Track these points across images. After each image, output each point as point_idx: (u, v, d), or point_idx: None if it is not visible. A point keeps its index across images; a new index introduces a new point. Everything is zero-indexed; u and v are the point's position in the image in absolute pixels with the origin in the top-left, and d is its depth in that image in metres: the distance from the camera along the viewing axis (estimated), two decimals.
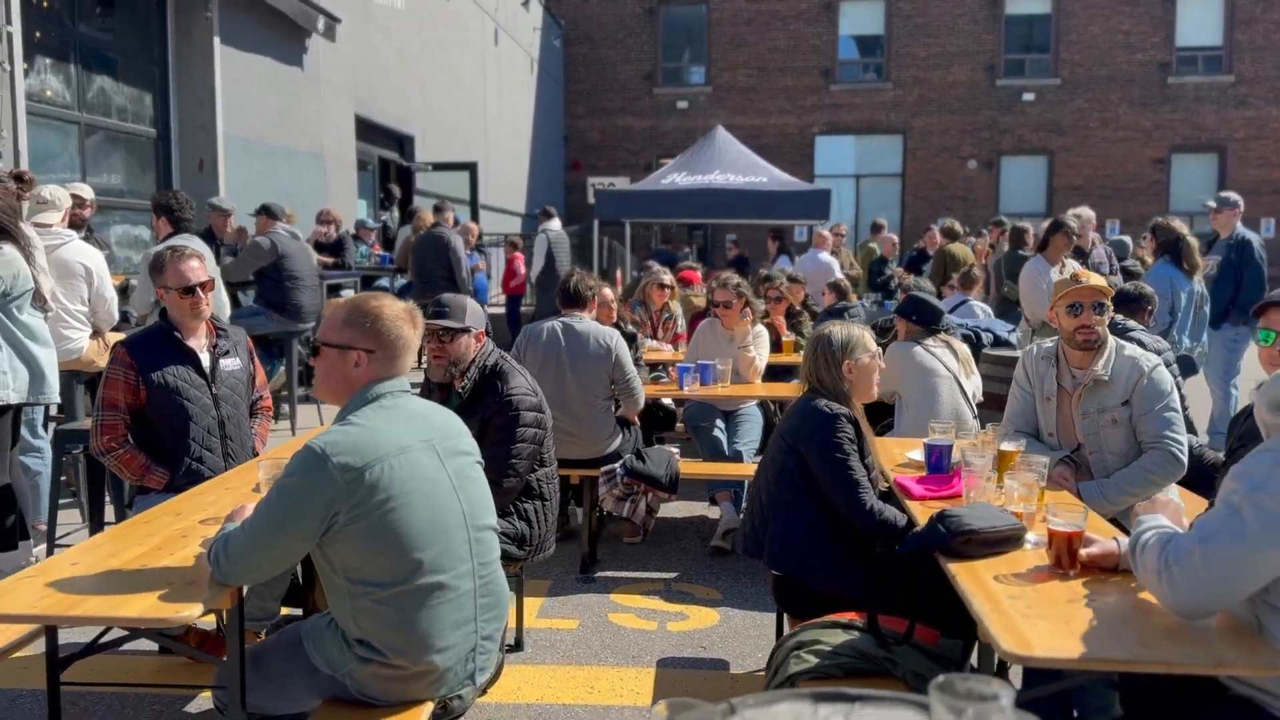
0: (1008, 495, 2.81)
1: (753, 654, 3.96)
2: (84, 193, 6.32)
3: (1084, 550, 2.45)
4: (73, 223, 5.60)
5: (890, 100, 22.02)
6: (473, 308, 3.73)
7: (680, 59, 23.12)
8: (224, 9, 9.76)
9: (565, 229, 12.52)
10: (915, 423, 4.43)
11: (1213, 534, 2.02)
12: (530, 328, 5.11)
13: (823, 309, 7.99)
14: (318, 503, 2.27)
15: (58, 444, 4.88)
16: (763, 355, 6.00)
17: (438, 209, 10.11)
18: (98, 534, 3.47)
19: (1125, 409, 3.41)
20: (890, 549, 3.08)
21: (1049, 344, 3.66)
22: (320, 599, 3.12)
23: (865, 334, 3.38)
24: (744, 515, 3.49)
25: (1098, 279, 3.47)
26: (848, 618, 2.85)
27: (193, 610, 2.24)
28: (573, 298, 5.09)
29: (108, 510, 4.66)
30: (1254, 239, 7.11)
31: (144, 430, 3.59)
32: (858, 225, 20.86)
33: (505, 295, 13.14)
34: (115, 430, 3.53)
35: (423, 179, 15.38)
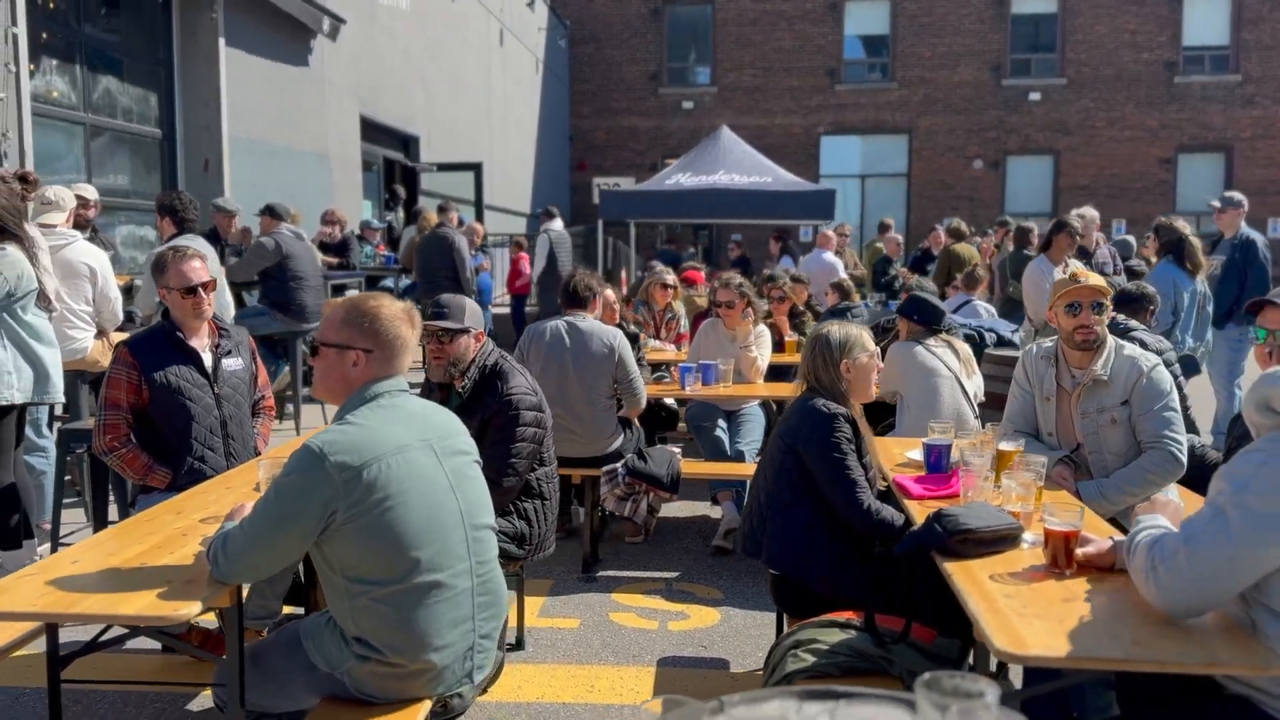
0: (1005, 495, 2.81)
1: (753, 653, 3.96)
2: (88, 193, 6.35)
3: (1080, 550, 2.45)
4: (77, 223, 5.63)
5: (896, 100, 21.98)
6: (472, 308, 3.75)
7: (686, 59, 23.11)
8: (229, 10, 9.79)
9: (570, 229, 12.54)
10: (916, 423, 4.43)
11: (1197, 534, 2.03)
12: (534, 327, 5.13)
13: (826, 309, 7.99)
14: (315, 502, 2.28)
15: (62, 443, 4.92)
16: (765, 355, 6.00)
17: (442, 209, 10.13)
18: (98, 532, 3.49)
19: (1124, 409, 3.41)
20: (888, 548, 3.08)
21: (1048, 344, 3.66)
22: (322, 598, 3.13)
23: (864, 334, 3.38)
24: (743, 515, 3.49)
25: (1096, 279, 3.47)
26: (845, 617, 2.86)
27: (191, 608, 2.26)
28: (575, 298, 5.11)
29: (111, 509, 4.69)
30: (1258, 239, 7.10)
31: (146, 430, 3.61)
32: (863, 225, 20.83)
33: (510, 295, 13.17)
34: (118, 430, 3.55)
35: (427, 179, 15.40)
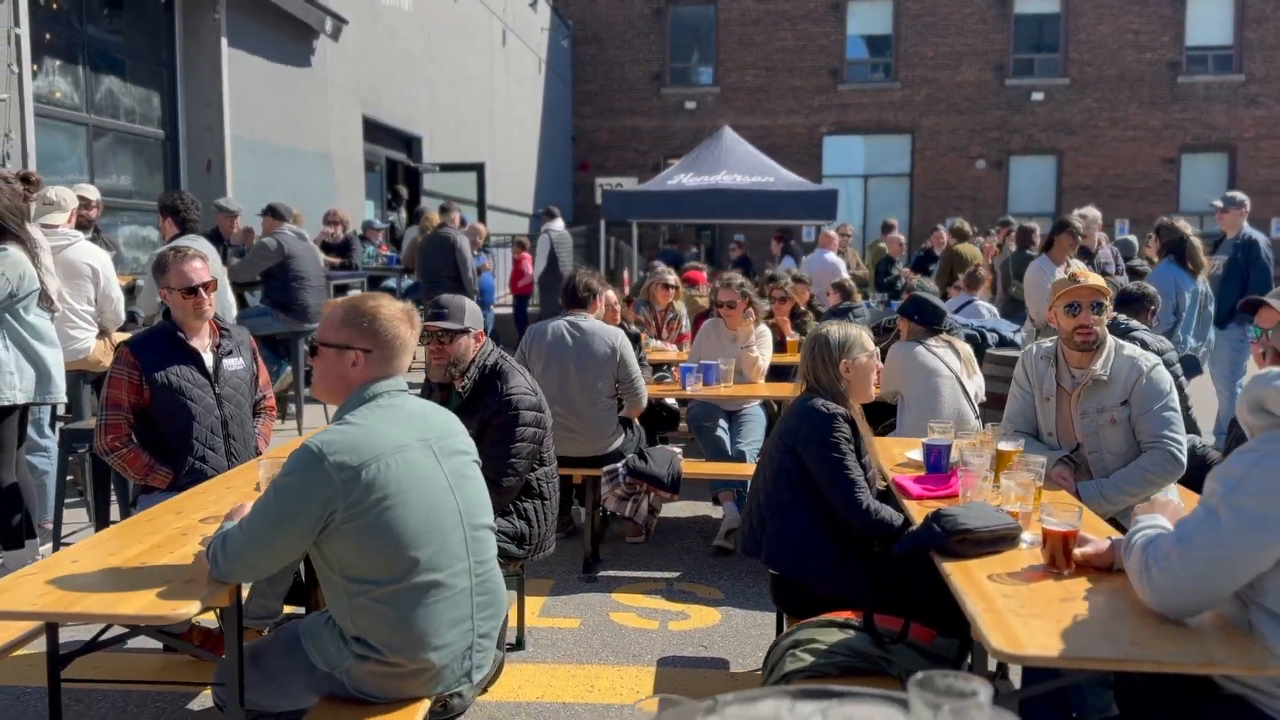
0: (1004, 495, 2.81)
1: (754, 653, 3.96)
2: (90, 194, 6.36)
3: (1079, 550, 2.45)
4: (79, 223, 5.64)
5: (898, 100, 21.97)
6: (471, 308, 3.75)
7: (688, 59, 23.10)
8: (231, 11, 9.80)
9: (573, 229, 12.54)
10: (917, 423, 4.42)
11: (1189, 535, 2.03)
12: (535, 327, 5.13)
13: (827, 309, 7.98)
14: (314, 501, 2.29)
15: (64, 443, 4.93)
16: (766, 355, 6.00)
17: (444, 210, 10.14)
18: (98, 532, 3.50)
19: (1124, 409, 3.41)
20: (887, 548, 3.08)
21: (1048, 344, 3.65)
22: (323, 597, 3.14)
23: (863, 334, 3.38)
24: (743, 515, 3.50)
25: (1095, 279, 3.46)
26: (844, 616, 2.86)
27: (190, 607, 2.26)
28: (576, 298, 5.11)
29: (113, 509, 4.70)
30: (1260, 239, 7.10)
31: (148, 430, 3.62)
32: (866, 225, 20.82)
33: (512, 295, 13.18)
34: (119, 430, 3.56)
35: (430, 179, 15.41)
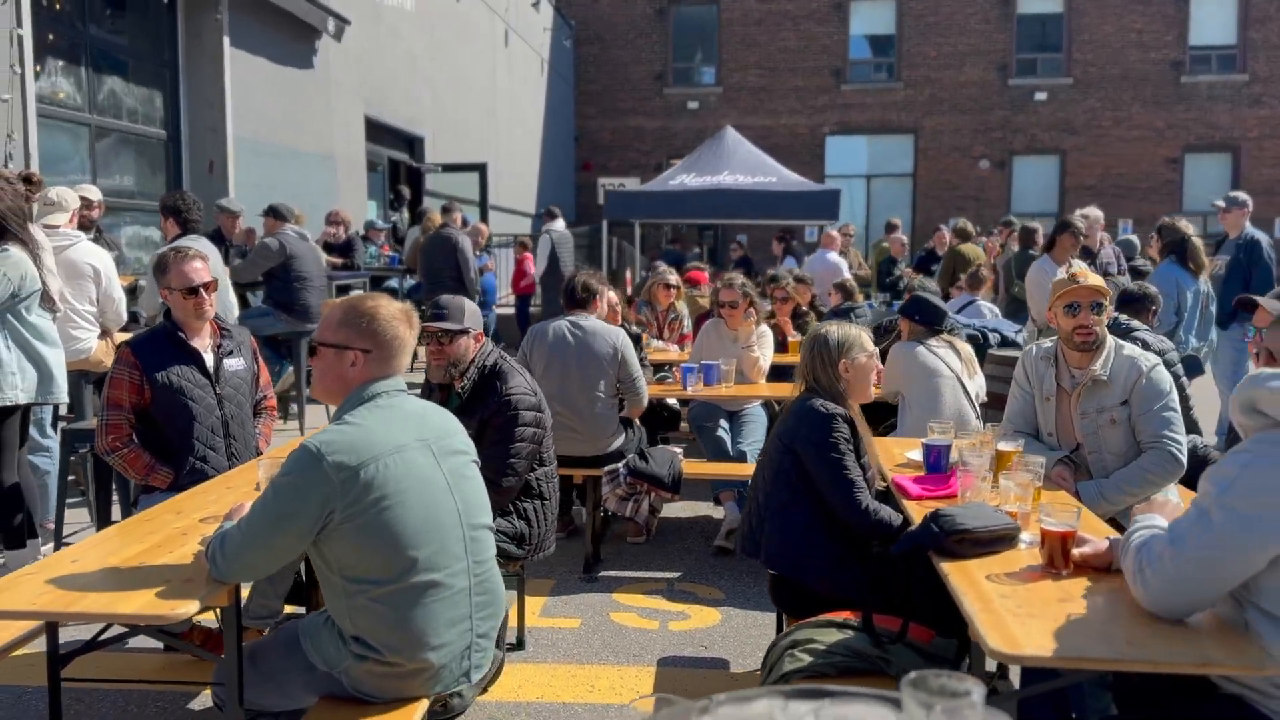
0: (1003, 495, 2.81)
1: (754, 653, 3.96)
2: (91, 194, 6.37)
3: (1077, 550, 2.45)
4: (81, 224, 5.65)
5: (901, 100, 21.95)
6: (471, 309, 3.75)
7: (691, 59, 23.10)
8: (234, 11, 9.82)
9: (575, 229, 12.54)
10: (918, 423, 4.42)
11: (1182, 536, 2.04)
12: (537, 327, 5.14)
13: (829, 309, 7.98)
14: (313, 501, 2.29)
15: (66, 443, 4.94)
16: (767, 355, 6.00)
17: (446, 210, 10.15)
18: (99, 531, 3.51)
19: (1124, 409, 3.41)
20: (886, 549, 3.08)
21: (1048, 344, 3.65)
22: (323, 597, 3.15)
23: (863, 334, 3.38)
24: (742, 515, 3.50)
25: (1095, 279, 3.46)
26: (843, 616, 2.86)
27: (189, 607, 2.27)
28: (576, 298, 5.11)
29: (115, 509, 4.71)
30: (1263, 239, 7.09)
31: (149, 430, 3.63)
32: (869, 225, 20.81)
33: (515, 295, 13.19)
34: (120, 430, 3.56)
35: (433, 180, 15.42)
